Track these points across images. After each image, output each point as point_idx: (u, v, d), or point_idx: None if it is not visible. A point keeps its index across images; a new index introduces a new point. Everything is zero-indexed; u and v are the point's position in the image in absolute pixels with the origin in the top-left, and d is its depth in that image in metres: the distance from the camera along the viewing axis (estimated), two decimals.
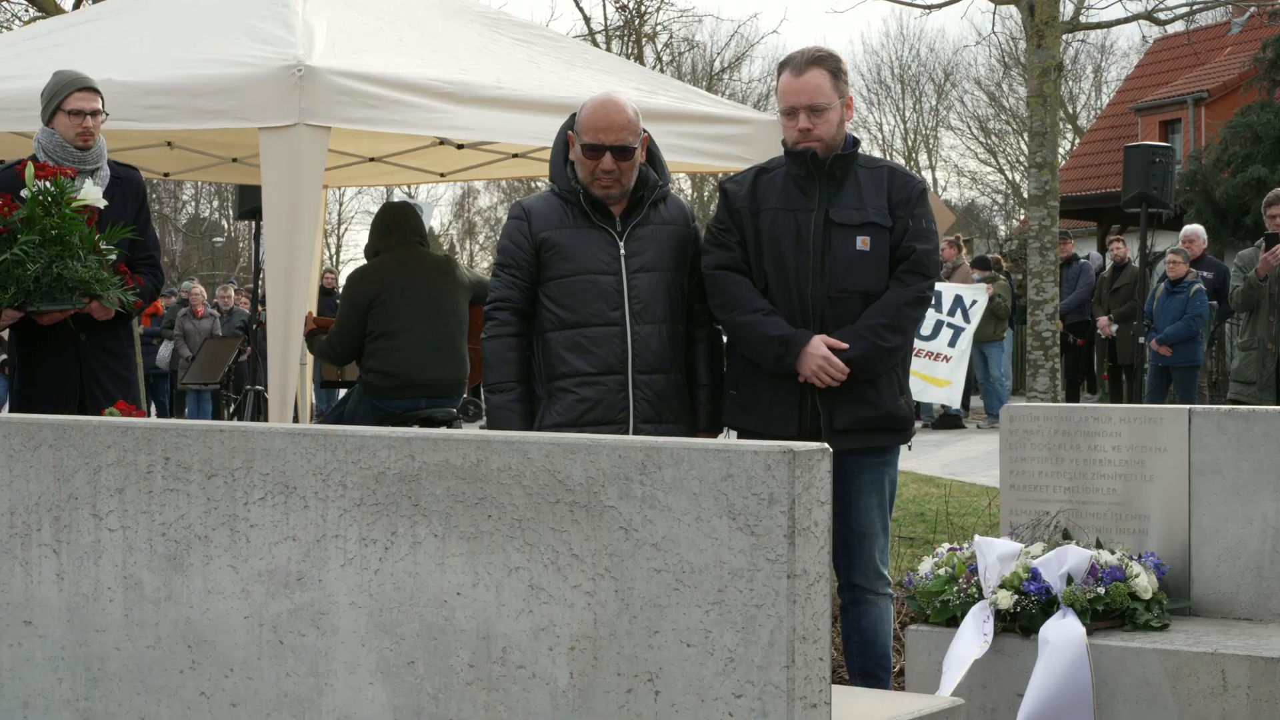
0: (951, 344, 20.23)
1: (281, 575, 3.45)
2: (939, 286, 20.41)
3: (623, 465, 3.06)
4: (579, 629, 3.10)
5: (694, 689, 2.99)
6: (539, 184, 49.04)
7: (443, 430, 3.49)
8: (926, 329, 20.19)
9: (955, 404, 19.85)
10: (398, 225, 8.82)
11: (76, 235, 6.71)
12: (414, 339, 8.48)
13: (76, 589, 3.74)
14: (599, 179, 5.80)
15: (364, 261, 9.13)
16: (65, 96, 7.22)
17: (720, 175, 8.77)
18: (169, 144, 10.41)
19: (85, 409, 6.96)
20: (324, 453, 3.40)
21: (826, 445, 3.01)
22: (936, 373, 19.92)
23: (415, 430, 3.38)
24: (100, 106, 7.25)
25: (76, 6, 19.71)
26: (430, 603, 3.26)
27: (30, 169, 6.76)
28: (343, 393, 9.74)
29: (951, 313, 20.17)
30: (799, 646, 2.93)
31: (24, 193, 6.72)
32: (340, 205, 48.46)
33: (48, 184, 6.72)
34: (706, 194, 49.90)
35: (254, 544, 3.49)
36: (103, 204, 6.92)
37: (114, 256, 7.00)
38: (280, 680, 3.45)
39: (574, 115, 5.97)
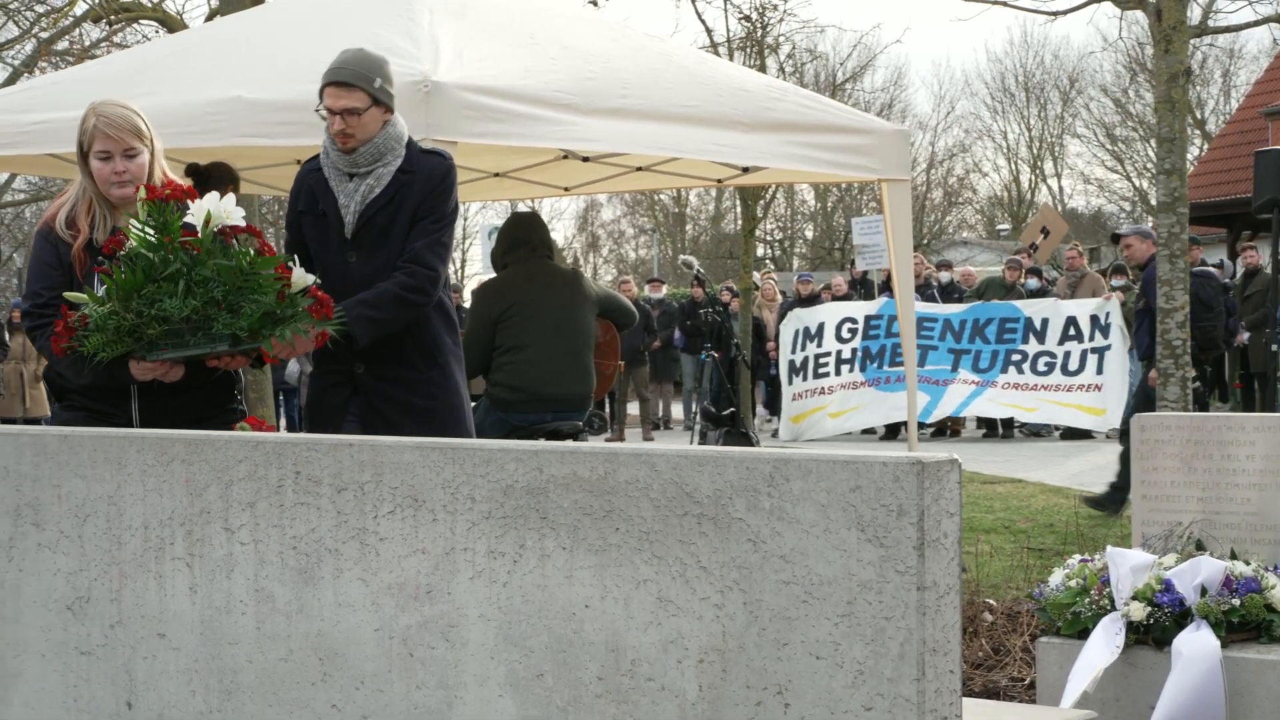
0: (1100, 371, 20.18)
1: (411, 588, 3.47)
2: (1070, 312, 20.36)
3: (750, 477, 3.04)
4: (708, 641, 3.10)
5: (824, 702, 2.98)
6: (662, 197, 49.07)
7: (570, 443, 3.49)
8: (1074, 363, 20.13)
9: (1114, 425, 19.72)
10: (527, 238, 8.83)
11: (179, 265, 5.40)
12: (542, 353, 8.50)
13: (209, 602, 3.78)
14: None
15: (489, 273, 9.16)
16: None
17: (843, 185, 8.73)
18: (298, 162, 10.50)
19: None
20: (452, 466, 3.41)
21: (955, 456, 2.98)
22: (1088, 402, 19.83)
23: (543, 443, 3.39)
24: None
25: (210, 19, 19.94)
26: (559, 615, 3.27)
27: (143, 191, 5.56)
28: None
29: (1091, 337, 20.07)
30: (929, 659, 2.91)
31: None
32: (465, 220, 48.76)
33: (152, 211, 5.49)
34: (829, 204, 49.79)
35: (384, 557, 3.51)
36: (240, 219, 5.53)
37: (294, 284, 5.60)
38: (410, 693, 3.47)
39: None
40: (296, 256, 5.80)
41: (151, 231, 5.42)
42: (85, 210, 5.88)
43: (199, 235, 5.44)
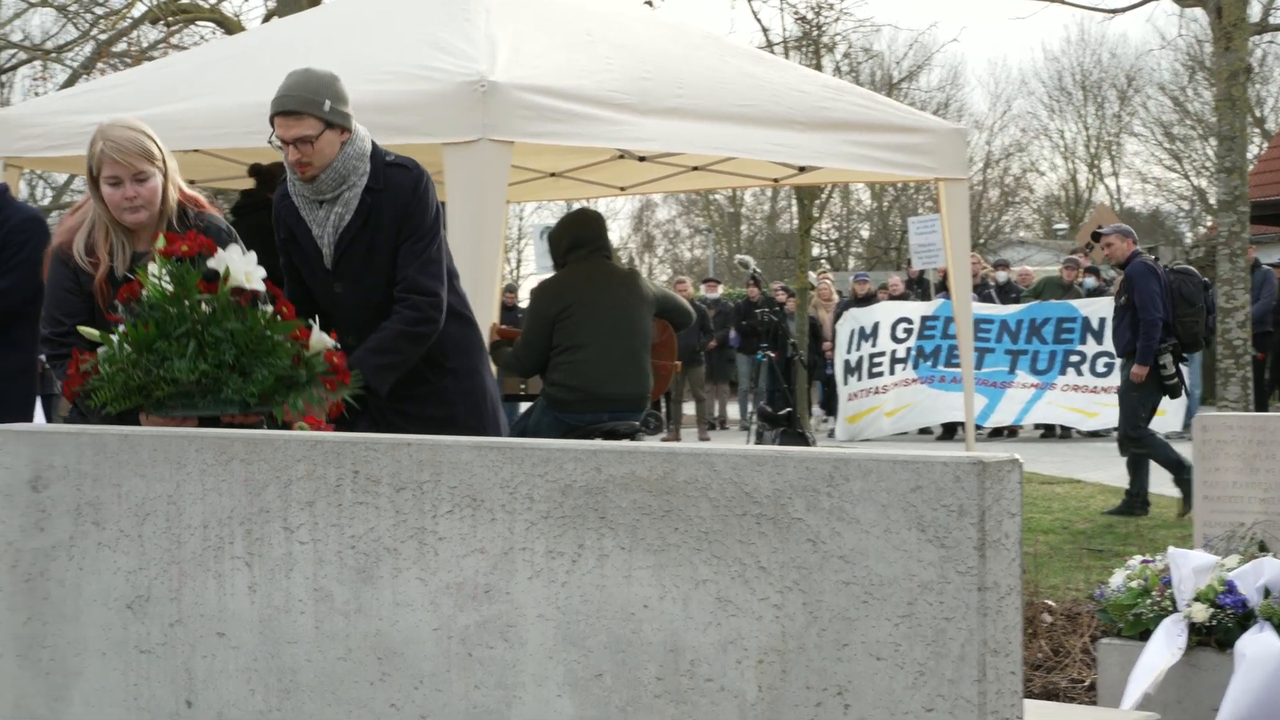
0: None
1: (470, 588, 3.46)
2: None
3: (810, 477, 3.03)
4: (767, 642, 3.08)
5: (884, 703, 2.96)
6: (717, 196, 49.05)
7: (628, 443, 3.48)
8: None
9: (1176, 426, 19.62)
10: (587, 237, 8.80)
11: (191, 325, 5.05)
12: (599, 353, 8.48)
13: (268, 601, 3.78)
14: None
15: (543, 273, 9.16)
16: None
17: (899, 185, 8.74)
18: None
19: None
20: (511, 465, 3.41)
21: (1016, 456, 2.96)
22: None
23: (601, 443, 3.38)
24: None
25: (267, 20, 20.01)
26: (617, 615, 3.26)
27: (161, 240, 5.20)
28: (523, 406, 9.80)
29: None
30: (990, 660, 2.89)
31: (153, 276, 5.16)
32: (520, 220, 48.80)
33: (170, 265, 5.12)
34: (885, 205, 49.66)
35: (442, 557, 3.51)
36: (258, 283, 5.16)
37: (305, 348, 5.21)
38: (469, 692, 3.47)
39: None
40: (316, 318, 5.41)
41: (167, 284, 5.07)
42: (103, 237, 5.70)
43: (217, 288, 5.09)
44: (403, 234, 6.03)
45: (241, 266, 5.12)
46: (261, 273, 5.18)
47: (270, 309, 5.14)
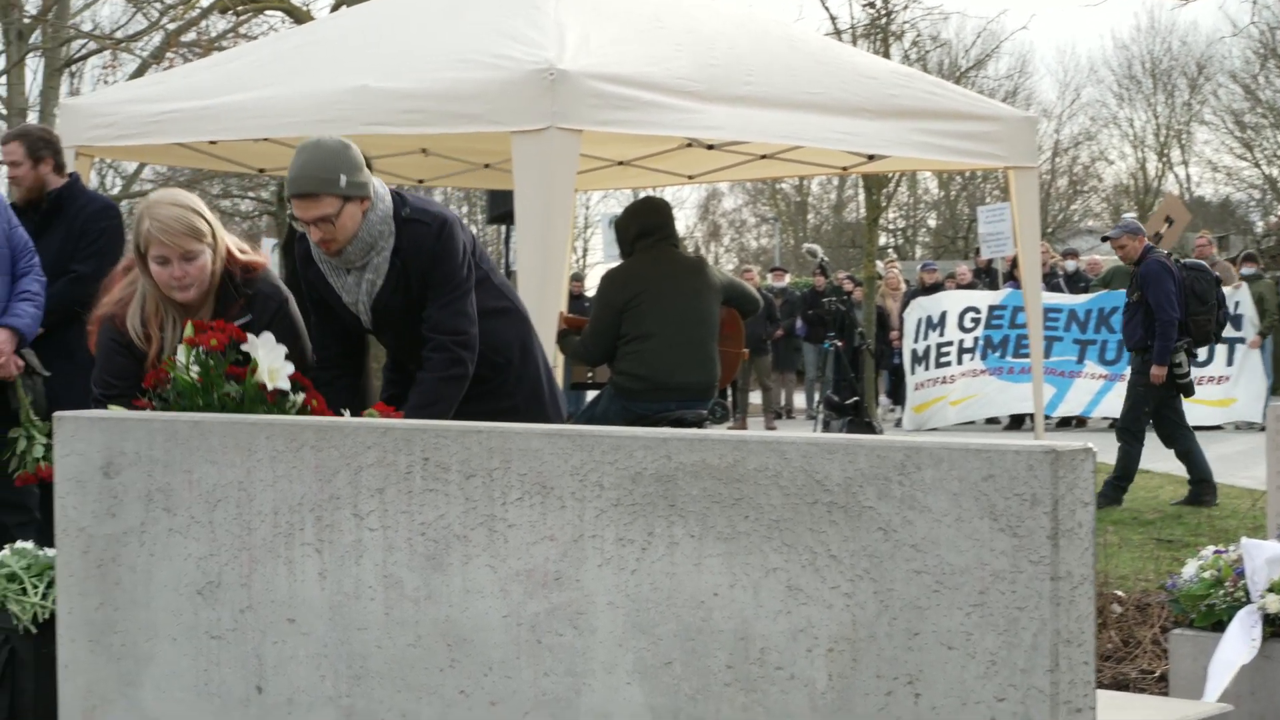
0: (1230, 362, 19.98)
1: (539, 575, 3.46)
2: None
3: (881, 465, 3.02)
4: (838, 630, 3.07)
5: (955, 692, 2.94)
6: (784, 185, 48.92)
7: (699, 431, 3.48)
8: (1202, 354, 19.94)
9: (1251, 417, 19.52)
10: (655, 226, 8.78)
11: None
12: (667, 342, 8.47)
13: (338, 588, 3.79)
14: None
15: (611, 262, 9.15)
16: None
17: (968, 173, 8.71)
18: (424, 151, 10.56)
19: None
20: (581, 453, 3.41)
21: (1090, 445, 2.94)
22: (1215, 395, 19.67)
23: (671, 431, 3.37)
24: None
25: (335, 9, 20.07)
26: (687, 603, 3.25)
27: (190, 328, 5.09)
28: (590, 394, 9.79)
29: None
30: (1063, 650, 2.87)
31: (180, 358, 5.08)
32: (587, 209, 48.81)
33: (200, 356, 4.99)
34: (953, 193, 49.45)
35: (512, 544, 3.51)
36: (284, 381, 5.01)
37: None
38: (538, 679, 3.47)
39: None
40: (347, 411, 5.28)
41: (195, 373, 4.93)
42: (154, 313, 5.61)
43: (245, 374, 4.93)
44: (430, 282, 5.96)
45: (268, 362, 4.96)
46: (289, 368, 5.03)
47: (300, 398, 5.02)
